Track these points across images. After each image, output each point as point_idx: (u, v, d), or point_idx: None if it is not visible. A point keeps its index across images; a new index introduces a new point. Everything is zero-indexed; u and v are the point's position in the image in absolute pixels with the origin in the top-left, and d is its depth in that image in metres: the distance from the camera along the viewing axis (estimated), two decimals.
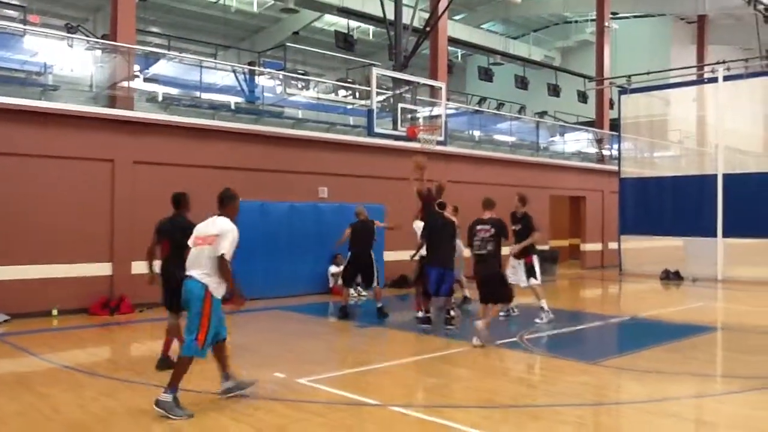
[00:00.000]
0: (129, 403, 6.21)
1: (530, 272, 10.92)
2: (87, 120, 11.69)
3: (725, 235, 18.41)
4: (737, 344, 9.75)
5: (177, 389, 5.81)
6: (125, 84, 13.13)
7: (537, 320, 10.71)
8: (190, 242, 6.29)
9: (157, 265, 7.65)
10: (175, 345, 7.35)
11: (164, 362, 7.44)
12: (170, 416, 5.66)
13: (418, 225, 11.74)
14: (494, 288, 9.05)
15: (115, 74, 13.15)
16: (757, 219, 17.61)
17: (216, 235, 6.04)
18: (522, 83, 25.00)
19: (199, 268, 6.03)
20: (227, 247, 6.02)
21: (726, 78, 18.89)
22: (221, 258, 5.98)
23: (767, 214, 17.50)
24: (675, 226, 19.43)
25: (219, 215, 6.30)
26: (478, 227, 9.12)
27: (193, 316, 6.00)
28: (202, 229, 6.26)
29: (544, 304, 10.81)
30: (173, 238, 7.46)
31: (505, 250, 9.93)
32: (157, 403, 5.74)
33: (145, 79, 14.69)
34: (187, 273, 6.12)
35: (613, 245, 22.06)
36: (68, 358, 8.24)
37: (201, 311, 5.97)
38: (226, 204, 6.39)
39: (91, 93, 13.04)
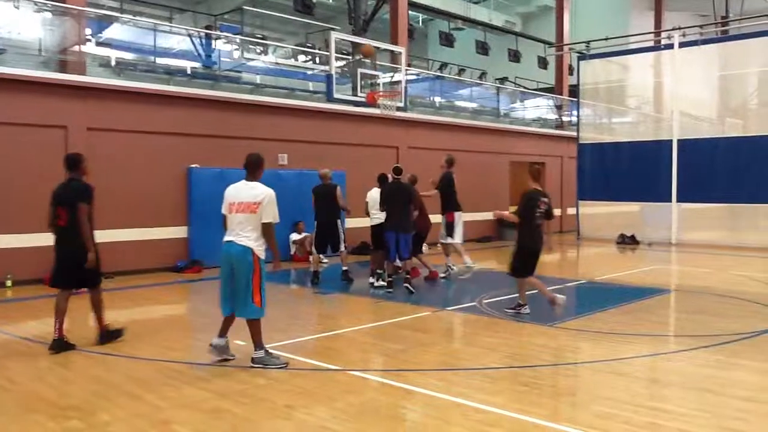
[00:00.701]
0: (86, 373, 6.16)
1: (449, 229, 11.75)
2: (37, 85, 11.34)
3: (679, 200, 18.85)
4: (688, 305, 10.04)
5: (263, 344, 6.29)
6: (77, 48, 12.73)
7: (450, 271, 11.95)
8: (225, 208, 6.31)
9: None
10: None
11: (59, 343, 6.81)
12: (268, 367, 6.16)
13: (372, 195, 11.71)
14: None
15: (65, 38, 12.73)
16: (710, 184, 18.06)
17: (259, 202, 6.12)
18: (483, 49, 24.95)
19: (242, 233, 6.15)
20: (274, 213, 6.20)
21: (681, 44, 19.16)
22: (269, 225, 6.15)
23: (719, 180, 17.94)
24: (631, 191, 19.79)
25: (249, 181, 6.35)
26: (543, 199, 8.71)
27: (244, 281, 6.14)
28: (239, 195, 6.25)
29: (468, 259, 11.77)
30: (71, 205, 6.81)
31: None
32: (253, 360, 6.24)
33: (98, 44, 14.25)
34: (229, 238, 6.23)
35: (571, 210, 22.42)
36: (23, 329, 8.11)
37: (251, 275, 6.14)
38: (255, 170, 6.41)
39: (41, 57, 12.61)
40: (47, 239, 11.38)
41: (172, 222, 13.14)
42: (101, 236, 11.90)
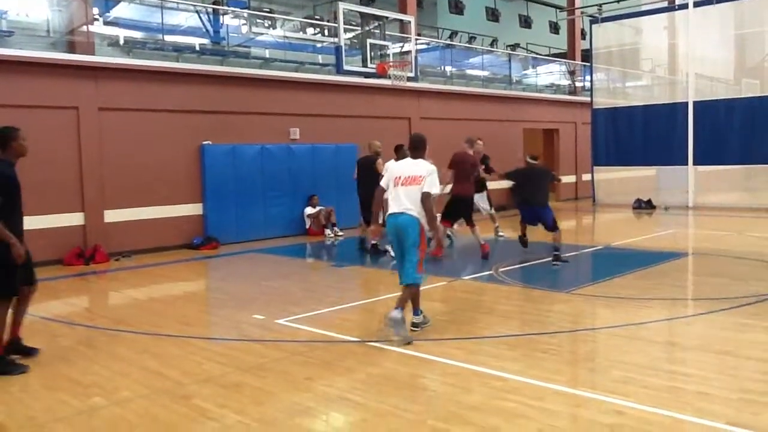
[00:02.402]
0: (107, 350, 6.22)
1: (491, 202, 13.89)
2: (47, 67, 11.32)
3: (696, 163, 18.63)
4: (706, 268, 9.98)
5: (420, 309, 6.63)
6: (85, 28, 12.69)
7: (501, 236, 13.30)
8: (388, 181, 6.57)
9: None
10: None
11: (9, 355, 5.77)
12: (423, 326, 6.55)
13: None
14: None
15: (73, 18, 12.69)
16: (727, 146, 17.82)
17: (422, 176, 6.42)
18: (493, 15, 24.60)
19: (410, 205, 6.39)
20: (434, 184, 6.46)
21: (696, 4, 18.74)
22: (428, 195, 6.38)
23: (736, 142, 17.70)
24: (647, 155, 19.58)
25: (414, 158, 6.70)
26: None
27: (411, 248, 6.39)
28: (406, 170, 6.57)
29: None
30: None
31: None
32: (415, 324, 6.52)
33: (106, 23, 14.18)
34: (396, 210, 6.46)
35: (586, 177, 22.26)
36: (44, 309, 8.18)
37: (418, 243, 6.40)
38: (419, 148, 6.75)
39: (49, 38, 12.58)
40: (64, 220, 11.62)
41: (186, 199, 13.18)
42: (117, 216, 12.15)
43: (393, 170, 6.68)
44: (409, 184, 6.45)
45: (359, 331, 6.62)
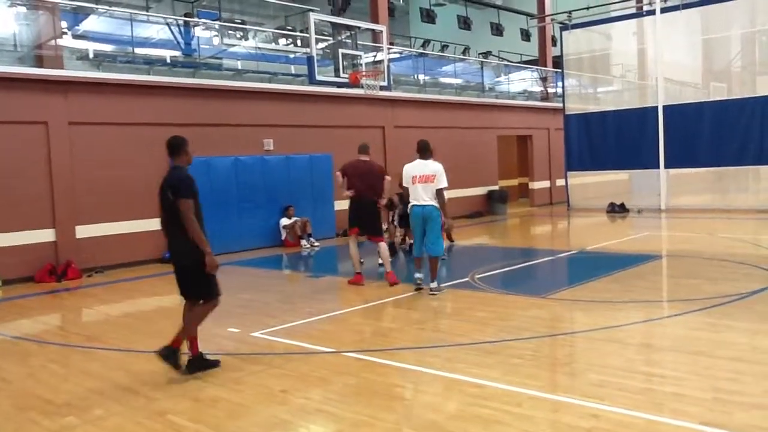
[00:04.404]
0: (80, 368, 6.13)
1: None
2: (15, 81, 11.17)
3: (667, 166, 18.87)
4: (679, 270, 10.09)
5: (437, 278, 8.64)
6: (53, 42, 12.54)
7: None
8: (407, 181, 8.57)
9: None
10: None
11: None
12: (442, 291, 8.59)
13: None
14: None
15: (41, 32, 12.54)
16: (697, 149, 18.08)
17: (434, 174, 8.43)
18: (465, 24, 24.74)
19: (428, 198, 8.44)
20: (444, 181, 8.47)
21: (663, 10, 19.05)
22: (442, 190, 8.47)
23: (706, 144, 17.96)
24: (619, 159, 19.81)
25: (423, 159, 8.60)
26: None
27: (435, 230, 8.51)
28: (417, 170, 8.56)
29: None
30: (165, 199, 6.16)
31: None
32: (432, 289, 8.54)
33: (75, 36, 14.04)
34: (418, 202, 8.50)
35: (560, 182, 22.45)
36: (15, 328, 8.06)
37: (439, 226, 8.54)
38: (426, 151, 8.64)
39: (17, 53, 12.43)
40: (35, 237, 11.44)
41: (159, 213, 13.01)
42: (89, 231, 11.99)
43: (409, 171, 8.59)
44: (425, 182, 8.43)
45: (335, 342, 6.59)
